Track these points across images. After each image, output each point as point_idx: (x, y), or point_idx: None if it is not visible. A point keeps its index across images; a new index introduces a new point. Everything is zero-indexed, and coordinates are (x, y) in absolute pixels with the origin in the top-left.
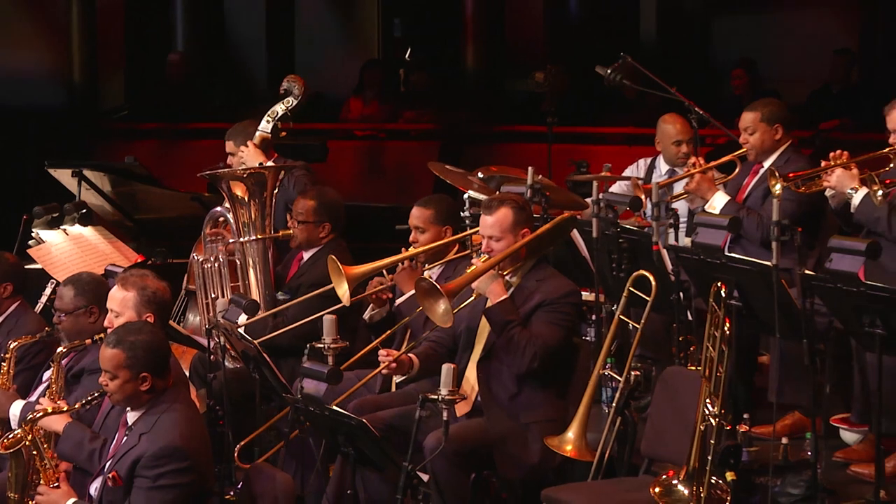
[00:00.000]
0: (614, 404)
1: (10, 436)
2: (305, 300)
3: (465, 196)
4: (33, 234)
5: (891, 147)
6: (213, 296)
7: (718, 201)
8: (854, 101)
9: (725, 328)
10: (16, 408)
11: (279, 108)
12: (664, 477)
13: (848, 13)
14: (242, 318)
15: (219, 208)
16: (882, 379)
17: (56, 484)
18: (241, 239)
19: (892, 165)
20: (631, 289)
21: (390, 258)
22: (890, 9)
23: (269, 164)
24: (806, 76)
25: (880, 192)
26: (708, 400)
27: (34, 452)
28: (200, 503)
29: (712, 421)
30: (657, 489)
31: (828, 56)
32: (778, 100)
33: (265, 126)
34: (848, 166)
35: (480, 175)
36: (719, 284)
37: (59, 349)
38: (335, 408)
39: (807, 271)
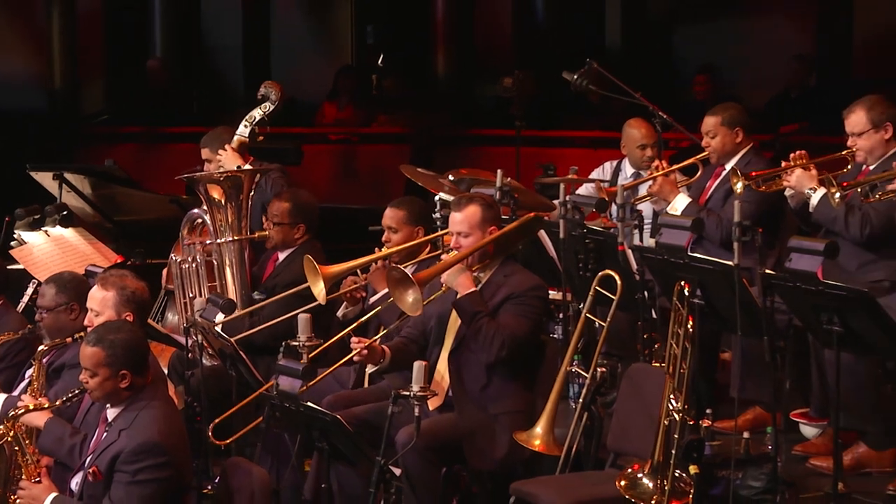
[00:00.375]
0: (581, 400)
1: None
2: (281, 299)
3: (437, 198)
4: (15, 236)
5: (848, 149)
6: (190, 295)
7: (680, 203)
8: (812, 105)
9: (689, 326)
10: None
11: (257, 114)
12: (629, 470)
13: (806, 20)
14: (219, 317)
15: (196, 210)
16: (840, 375)
17: (38, 479)
18: (218, 240)
19: (849, 167)
20: (597, 288)
21: (364, 258)
22: (846, 16)
23: (246, 167)
24: (766, 81)
25: (837, 195)
26: (672, 395)
27: (16, 448)
28: (178, 497)
29: (676, 416)
30: (623, 482)
31: (787, 62)
32: (738, 104)
33: (243, 131)
34: (807, 167)
35: (451, 177)
36: (683, 283)
37: (41, 347)
38: (310, 404)
39: (767, 270)
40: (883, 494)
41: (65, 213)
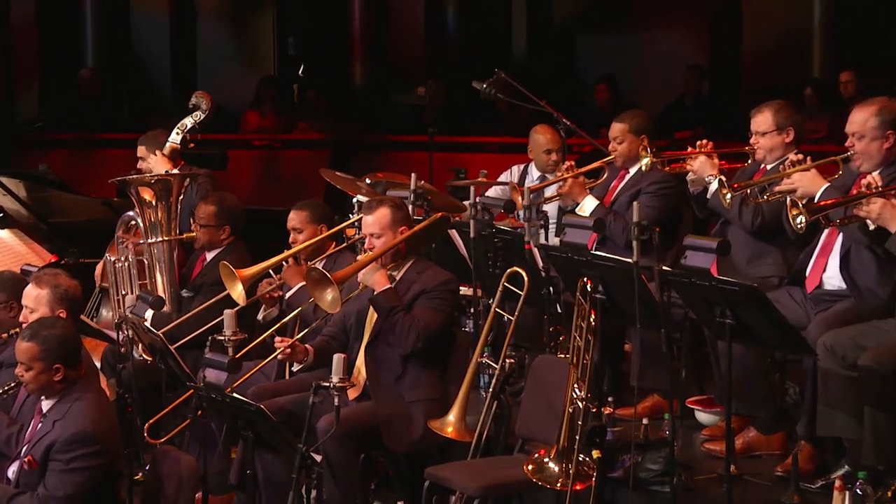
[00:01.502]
0: (491, 389)
1: None
2: (207, 300)
3: (355, 200)
4: None
5: (750, 146)
6: (123, 293)
7: (588, 205)
8: (705, 112)
9: (591, 320)
10: None
11: (189, 122)
12: (536, 455)
13: (699, 33)
14: (149, 313)
15: (131, 213)
16: (732, 365)
17: None
18: (149, 240)
19: (749, 161)
20: (505, 284)
21: (276, 258)
22: (735, 29)
23: (176, 171)
24: (662, 90)
25: (729, 196)
26: (576, 385)
27: None
28: (110, 484)
29: (580, 404)
30: (530, 466)
31: (681, 71)
32: (643, 112)
33: (175, 138)
34: (711, 155)
35: (368, 181)
36: (585, 280)
37: None
38: (235, 395)
39: (664, 267)
40: (771, 475)
41: (1, 215)
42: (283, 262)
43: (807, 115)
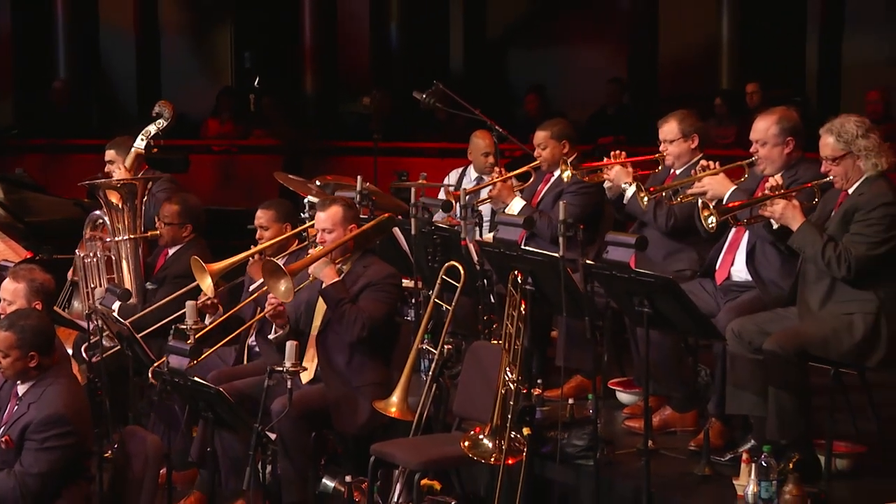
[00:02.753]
0: (431, 373)
1: None
2: (172, 292)
3: (305, 200)
4: None
5: (660, 153)
6: (92, 286)
7: (516, 206)
8: (625, 120)
9: (522, 309)
10: None
11: (152, 129)
12: (472, 433)
13: (619, 48)
14: (116, 305)
15: (97, 212)
16: (649, 349)
17: None
18: (116, 238)
19: (660, 168)
20: (444, 277)
21: (243, 254)
22: (652, 44)
23: (141, 175)
24: (586, 100)
25: (646, 199)
26: (508, 368)
27: None
28: (81, 462)
29: (511, 386)
30: (466, 443)
31: (603, 83)
32: (564, 119)
33: (139, 143)
34: (625, 164)
35: (318, 182)
36: (516, 273)
37: None
38: (196, 379)
39: (588, 261)
40: (685, 450)
41: None
42: (250, 258)
43: (714, 123)
